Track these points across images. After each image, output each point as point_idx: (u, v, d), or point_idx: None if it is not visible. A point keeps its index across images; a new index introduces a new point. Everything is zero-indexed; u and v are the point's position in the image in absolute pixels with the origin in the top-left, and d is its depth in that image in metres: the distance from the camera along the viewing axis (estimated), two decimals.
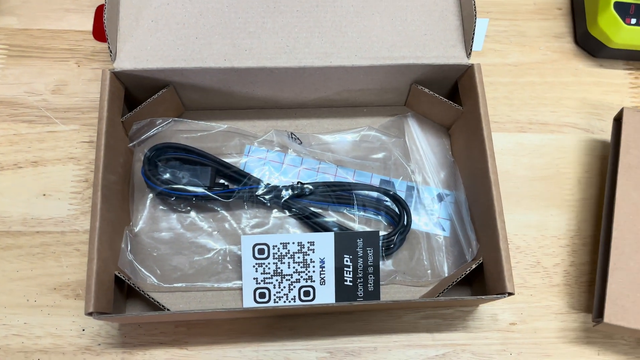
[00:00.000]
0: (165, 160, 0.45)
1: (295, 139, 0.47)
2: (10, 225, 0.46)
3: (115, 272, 0.41)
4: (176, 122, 0.46)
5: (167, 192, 0.44)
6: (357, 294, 0.43)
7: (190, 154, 0.45)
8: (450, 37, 0.43)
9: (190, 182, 0.44)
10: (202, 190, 0.44)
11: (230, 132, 0.47)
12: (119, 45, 0.42)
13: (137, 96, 0.45)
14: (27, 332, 0.44)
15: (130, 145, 0.45)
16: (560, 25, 0.56)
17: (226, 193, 0.45)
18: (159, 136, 0.46)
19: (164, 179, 0.44)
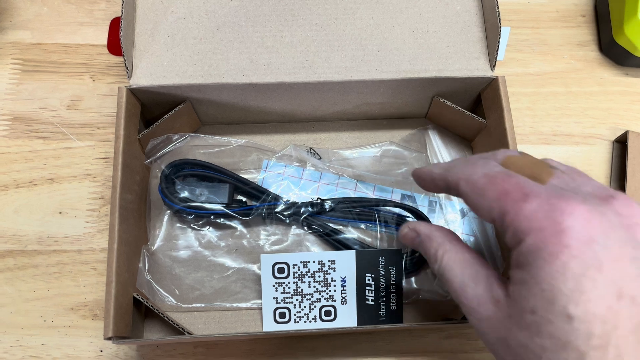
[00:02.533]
0: (183, 177, 0.44)
1: (314, 154, 0.46)
2: (26, 244, 0.46)
3: (134, 294, 0.40)
4: (193, 137, 0.45)
5: (184, 210, 0.43)
6: (380, 313, 0.42)
7: (208, 170, 0.44)
8: (473, 48, 0.42)
9: (209, 199, 0.43)
10: (220, 208, 0.43)
11: (248, 147, 0.46)
12: (135, 62, 0.41)
13: (153, 112, 0.44)
14: (45, 353, 0.43)
15: (147, 162, 0.44)
16: (584, 33, 0.55)
17: (245, 210, 0.44)
18: (176, 152, 0.45)
19: (181, 196, 0.43)
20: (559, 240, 0.23)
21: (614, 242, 0.23)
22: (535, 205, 0.24)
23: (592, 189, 0.26)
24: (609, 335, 0.22)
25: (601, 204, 0.24)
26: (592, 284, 0.22)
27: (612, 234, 0.23)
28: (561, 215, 0.23)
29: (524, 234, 0.24)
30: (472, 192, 0.28)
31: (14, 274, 0.45)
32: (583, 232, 0.23)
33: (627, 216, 0.24)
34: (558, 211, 0.23)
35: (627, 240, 0.23)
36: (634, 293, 0.22)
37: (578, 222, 0.23)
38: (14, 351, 0.43)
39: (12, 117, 0.49)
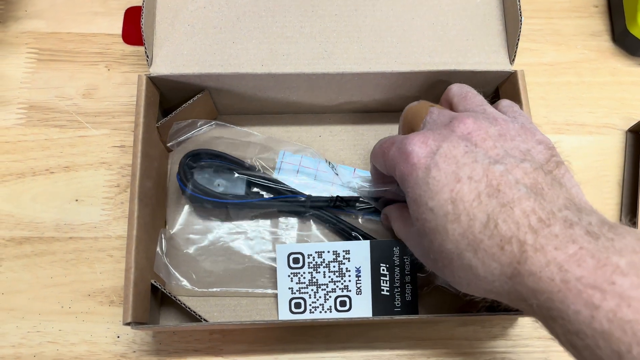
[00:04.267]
0: (201, 167, 0.45)
1: (332, 167, 0.47)
2: (43, 232, 0.46)
3: (152, 281, 0.40)
4: (219, 125, 0.46)
5: (202, 198, 0.43)
6: (395, 303, 0.43)
7: (226, 162, 0.44)
8: (492, 42, 0.42)
9: (226, 189, 0.44)
10: (237, 198, 0.44)
11: (269, 139, 0.47)
12: (155, 50, 0.41)
13: (171, 101, 0.45)
14: (62, 339, 0.44)
15: (170, 144, 0.45)
16: (597, 24, 0.55)
17: (260, 202, 0.44)
18: (199, 139, 0.45)
19: (199, 185, 0.43)
20: (407, 163, 0.31)
21: (447, 147, 0.30)
22: (393, 150, 0.33)
23: (444, 118, 0.33)
24: (458, 208, 0.28)
25: (442, 127, 0.32)
26: (436, 180, 0.29)
27: (444, 143, 0.30)
28: (405, 147, 0.31)
29: (392, 172, 0.33)
30: (375, 161, 0.38)
31: (31, 261, 0.45)
32: (420, 150, 0.31)
33: (460, 129, 0.31)
34: (403, 146, 0.32)
35: (458, 143, 0.30)
36: (469, 174, 0.29)
37: (416, 145, 0.31)
38: (31, 337, 0.44)
39: (28, 105, 0.50)
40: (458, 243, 0.29)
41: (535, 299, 0.26)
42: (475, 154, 0.29)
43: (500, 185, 0.28)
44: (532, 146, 0.31)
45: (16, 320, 0.44)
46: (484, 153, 0.30)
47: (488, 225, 0.27)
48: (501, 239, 0.27)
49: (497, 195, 0.28)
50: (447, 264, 0.30)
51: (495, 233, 0.27)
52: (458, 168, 0.29)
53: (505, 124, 0.32)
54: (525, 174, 0.28)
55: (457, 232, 0.28)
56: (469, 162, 0.29)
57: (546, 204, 0.27)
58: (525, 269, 0.26)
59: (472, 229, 0.28)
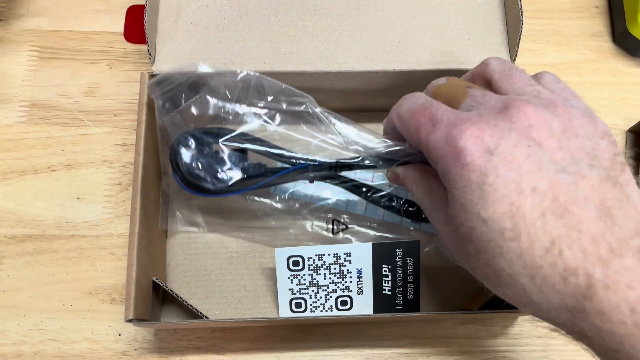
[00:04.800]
0: (197, 149, 0.39)
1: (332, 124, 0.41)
2: (44, 229, 0.46)
3: (153, 278, 0.41)
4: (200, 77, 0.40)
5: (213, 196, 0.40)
6: (396, 302, 0.43)
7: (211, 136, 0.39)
8: (494, 41, 0.42)
9: (244, 175, 0.39)
10: (233, 192, 0.40)
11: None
12: (157, 48, 0.41)
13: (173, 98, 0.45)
14: (63, 336, 0.44)
15: (154, 97, 0.40)
16: (598, 24, 0.55)
17: (261, 186, 0.40)
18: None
19: (203, 184, 0.39)
20: (457, 161, 0.26)
21: (507, 147, 0.25)
22: (438, 135, 0.27)
23: (494, 102, 0.28)
24: (518, 226, 0.25)
25: (496, 116, 0.27)
26: (493, 188, 0.25)
27: (503, 141, 0.26)
28: (454, 139, 0.26)
29: (435, 163, 0.28)
30: (401, 128, 0.31)
31: (33, 258, 0.45)
32: (475, 147, 0.26)
33: (520, 121, 0.26)
34: (452, 136, 0.26)
35: (520, 142, 0.26)
36: (534, 185, 0.25)
37: (470, 140, 0.26)
38: (33, 334, 0.44)
39: (30, 103, 0.50)
40: (513, 264, 0.25)
41: (599, 338, 0.24)
42: (539, 158, 0.25)
43: (568, 202, 0.24)
44: (596, 142, 0.27)
45: (17, 318, 0.44)
46: (549, 157, 0.25)
47: (551, 251, 0.24)
48: (565, 268, 0.24)
49: (564, 215, 0.24)
50: (493, 279, 0.27)
51: (558, 261, 0.24)
52: (520, 176, 0.25)
53: (566, 112, 0.27)
54: (593, 189, 0.25)
55: (514, 252, 0.25)
56: (533, 169, 0.25)
57: (617, 228, 0.24)
58: (592, 307, 0.23)
59: (531, 252, 0.25)
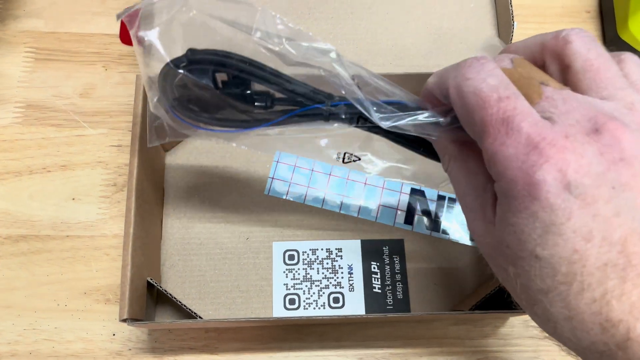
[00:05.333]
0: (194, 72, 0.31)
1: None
2: (39, 230, 0.46)
3: (148, 278, 0.41)
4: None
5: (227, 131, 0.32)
6: (387, 301, 0.43)
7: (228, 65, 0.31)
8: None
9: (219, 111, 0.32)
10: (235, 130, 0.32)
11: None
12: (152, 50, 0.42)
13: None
14: (58, 336, 0.44)
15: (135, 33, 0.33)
16: (589, 29, 0.55)
17: (275, 123, 0.32)
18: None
19: (197, 113, 0.32)
20: (529, 191, 0.22)
21: (590, 186, 0.22)
22: (512, 152, 0.23)
23: (580, 117, 0.23)
24: (574, 273, 0.22)
25: (583, 142, 0.22)
26: (560, 230, 0.22)
27: (587, 180, 0.22)
28: (532, 168, 0.22)
29: (499, 177, 0.24)
30: (461, 108, 0.25)
31: (27, 258, 0.46)
32: (554, 183, 0.22)
33: (613, 150, 0.22)
34: (530, 162, 0.22)
35: (606, 181, 0.22)
36: (605, 234, 0.22)
37: (550, 174, 0.22)
38: (27, 334, 0.44)
39: (25, 104, 0.50)
40: (554, 302, 0.23)
41: None
42: (620, 203, 0.22)
43: (634, 255, 0.22)
44: None
45: (12, 318, 0.44)
46: (632, 201, 0.22)
47: (599, 301, 0.22)
48: (607, 319, 0.22)
49: (626, 268, 0.22)
50: (524, 300, 0.25)
51: (603, 311, 0.22)
52: (594, 222, 0.22)
53: None
54: None
55: (559, 293, 0.23)
56: (611, 215, 0.22)
57: None
58: (624, 357, 0.22)
59: (578, 298, 0.22)
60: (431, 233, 0.46)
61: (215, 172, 0.47)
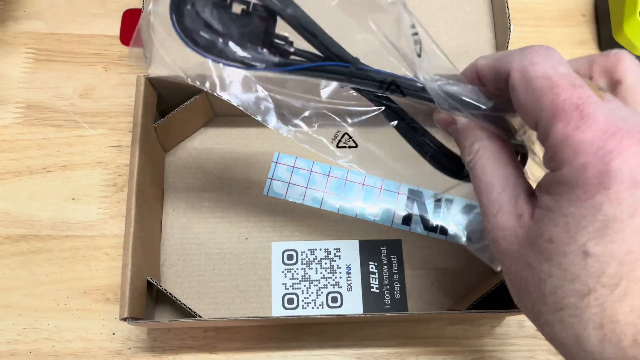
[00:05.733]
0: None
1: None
2: (39, 229, 0.47)
3: (148, 278, 0.41)
4: None
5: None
6: (384, 301, 0.44)
7: None
8: (483, 49, 0.44)
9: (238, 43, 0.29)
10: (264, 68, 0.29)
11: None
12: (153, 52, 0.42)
13: (168, 102, 0.45)
14: (58, 335, 0.44)
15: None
16: (584, 32, 0.56)
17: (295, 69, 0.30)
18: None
19: (207, 40, 0.28)
20: (600, 180, 0.21)
21: None
22: (588, 137, 0.22)
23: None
24: (621, 276, 0.21)
25: None
26: (620, 227, 0.21)
27: None
28: (610, 154, 0.21)
29: (565, 163, 0.22)
30: (524, 91, 0.24)
31: (27, 258, 0.46)
32: (628, 175, 0.21)
33: None
34: (608, 149, 0.21)
35: None
36: None
37: (627, 164, 0.21)
38: (27, 333, 0.44)
39: (26, 104, 0.50)
40: (588, 307, 0.22)
41: None
42: None
43: None
44: None
45: (12, 317, 0.44)
46: None
47: (637, 311, 0.22)
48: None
49: None
50: (550, 305, 0.24)
51: (639, 322, 0.21)
52: None
53: None
54: None
55: (597, 299, 0.22)
56: None
57: None
58: None
59: (617, 305, 0.22)
60: (428, 234, 0.46)
61: (214, 172, 0.48)
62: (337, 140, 0.37)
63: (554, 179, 0.23)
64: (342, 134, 0.39)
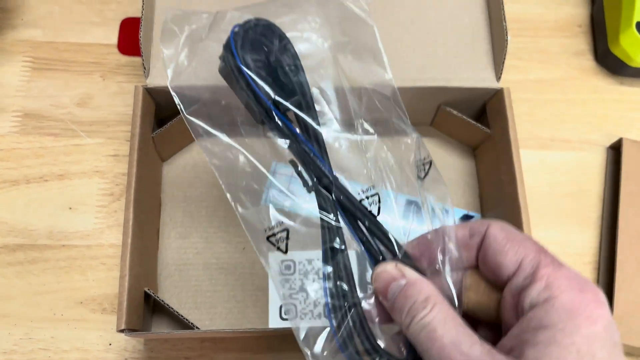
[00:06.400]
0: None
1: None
2: (36, 239, 0.47)
3: (145, 289, 0.41)
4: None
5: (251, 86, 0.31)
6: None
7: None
8: (480, 60, 0.44)
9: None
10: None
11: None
12: (152, 62, 0.42)
13: (166, 111, 0.45)
14: (54, 346, 0.44)
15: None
16: (581, 43, 0.56)
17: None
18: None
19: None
20: (597, 306, 0.24)
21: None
22: (573, 273, 0.26)
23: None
24: None
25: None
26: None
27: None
28: (594, 289, 0.25)
29: (561, 290, 0.25)
30: (504, 238, 0.28)
31: (24, 268, 0.46)
32: (607, 313, 0.24)
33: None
34: (590, 285, 0.25)
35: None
36: None
37: (605, 307, 0.25)
38: (23, 343, 0.44)
39: (23, 113, 0.50)
40: None
41: None
42: None
43: None
44: None
45: (8, 327, 0.44)
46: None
47: None
48: None
49: None
50: None
51: None
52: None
53: None
54: None
55: None
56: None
57: None
58: None
59: None
60: None
61: (211, 182, 0.48)
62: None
63: (547, 311, 0.25)
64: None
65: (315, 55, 0.34)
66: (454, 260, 0.29)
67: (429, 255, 0.30)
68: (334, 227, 0.33)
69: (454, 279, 0.29)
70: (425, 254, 0.30)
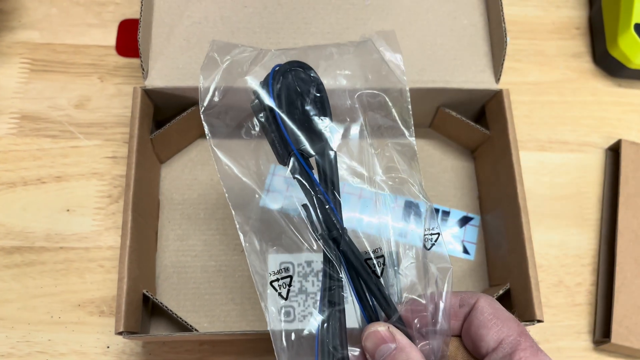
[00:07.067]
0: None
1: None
2: (33, 241, 0.46)
3: (143, 291, 0.41)
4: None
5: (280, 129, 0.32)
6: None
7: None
8: (479, 62, 0.44)
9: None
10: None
11: None
12: (150, 64, 0.42)
13: (165, 113, 0.45)
14: (51, 349, 0.44)
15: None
16: (579, 45, 0.57)
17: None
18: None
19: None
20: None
21: None
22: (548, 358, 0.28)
23: None
24: None
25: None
26: None
27: None
28: None
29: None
30: (491, 313, 0.30)
31: (21, 270, 0.45)
32: None
33: None
34: None
35: None
36: None
37: None
38: (21, 346, 0.44)
39: (20, 115, 0.50)
40: None
41: None
42: None
43: None
44: None
45: (5, 330, 0.44)
46: None
47: None
48: None
49: None
50: None
51: None
52: None
53: None
54: None
55: None
56: None
57: None
58: None
59: None
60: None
61: (210, 184, 0.48)
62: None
63: None
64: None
65: (342, 106, 0.35)
66: (442, 327, 0.31)
67: (419, 319, 0.31)
68: (335, 279, 0.33)
69: (439, 346, 0.31)
70: (416, 317, 0.31)
